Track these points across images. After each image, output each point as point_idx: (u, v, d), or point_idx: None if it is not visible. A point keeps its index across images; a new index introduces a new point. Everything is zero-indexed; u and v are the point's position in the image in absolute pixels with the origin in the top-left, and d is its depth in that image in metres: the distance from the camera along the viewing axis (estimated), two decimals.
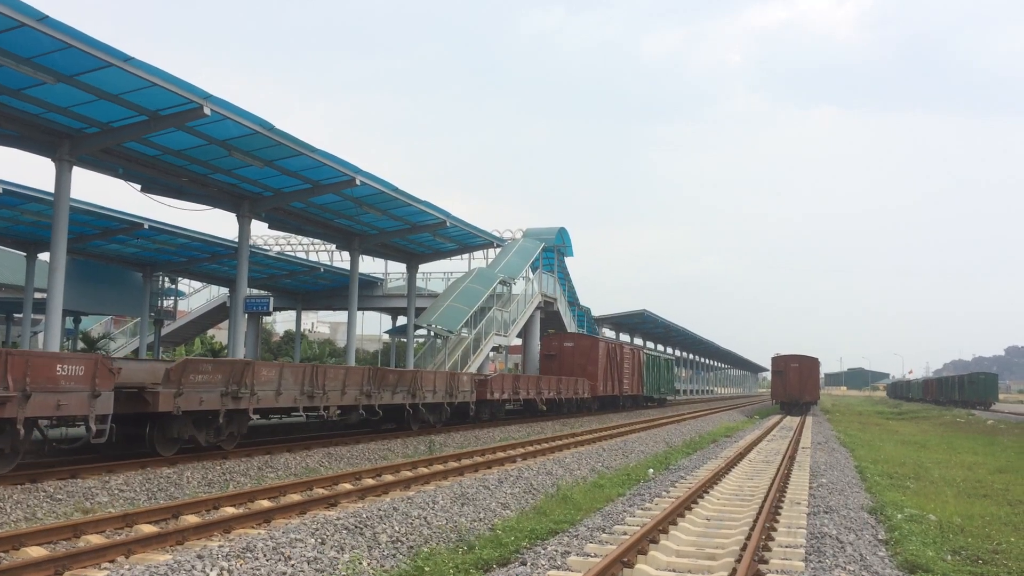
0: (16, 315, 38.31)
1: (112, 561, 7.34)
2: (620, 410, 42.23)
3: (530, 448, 18.27)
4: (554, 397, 30.60)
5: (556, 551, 8.24)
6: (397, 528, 8.88)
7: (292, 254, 41.10)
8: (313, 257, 43.00)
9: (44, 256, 25.49)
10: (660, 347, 77.37)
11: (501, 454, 16.78)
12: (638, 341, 69.79)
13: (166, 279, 34.98)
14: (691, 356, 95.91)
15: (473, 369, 32.48)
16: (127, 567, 6.61)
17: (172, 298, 38.32)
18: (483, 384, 24.71)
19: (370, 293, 39.88)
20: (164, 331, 39.21)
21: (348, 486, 11.93)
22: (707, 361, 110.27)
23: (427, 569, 7.41)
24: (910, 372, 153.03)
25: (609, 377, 38.47)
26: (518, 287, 41.34)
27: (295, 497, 10.90)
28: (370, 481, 12.52)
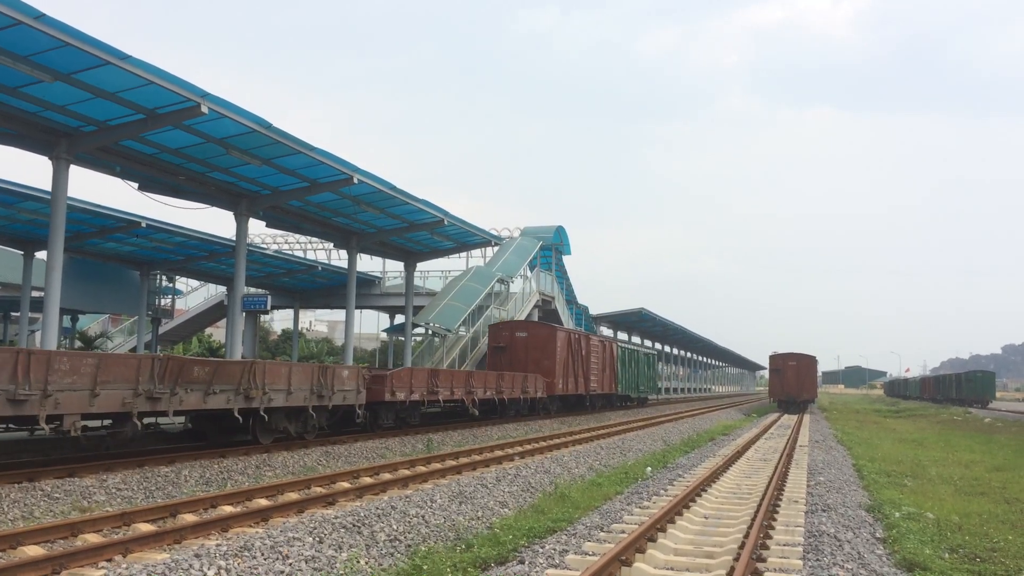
0: (13, 313, 38.27)
1: (110, 560, 7.33)
2: (586, 411, 36.33)
3: (528, 447, 18.29)
4: (492, 397, 25.00)
5: (554, 549, 8.24)
6: (395, 527, 8.87)
7: (290, 252, 41.11)
8: (311, 255, 43.02)
9: (41, 254, 25.48)
10: (657, 344, 77.44)
11: (499, 452, 16.78)
12: (636, 339, 69.86)
13: (163, 277, 34.95)
14: (689, 354, 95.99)
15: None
16: (125, 566, 6.60)
17: (169, 296, 38.27)
18: (379, 381, 18.95)
19: (368, 291, 39.90)
20: (162, 329, 39.21)
21: (346, 485, 11.93)
22: (705, 359, 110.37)
23: (425, 568, 7.41)
24: (907, 370, 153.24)
25: (571, 373, 32.80)
26: (516, 285, 41.41)
27: (293, 496, 10.89)
28: (368, 480, 12.52)
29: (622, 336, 64.78)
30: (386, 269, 41.06)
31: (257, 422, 15.23)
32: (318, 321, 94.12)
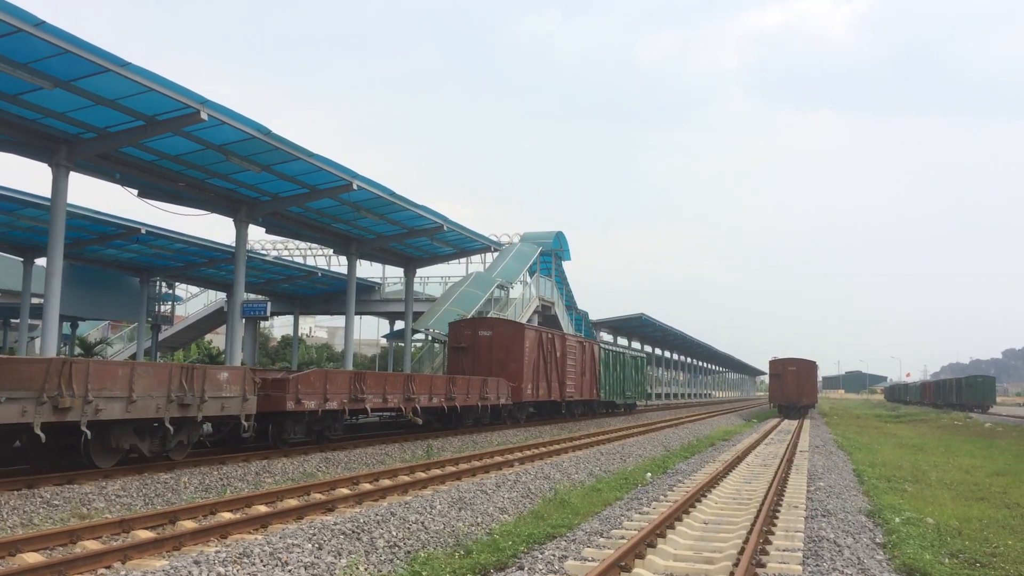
0: (13, 320, 38.30)
1: (109, 567, 7.33)
2: (561, 419, 32.58)
3: (528, 452, 18.27)
4: (440, 404, 21.51)
5: (553, 556, 8.23)
6: (394, 533, 8.87)
7: (290, 259, 41.14)
8: (311, 261, 43.05)
9: (41, 261, 25.50)
10: (658, 350, 77.44)
11: (499, 458, 16.77)
12: (636, 344, 69.86)
13: (163, 284, 35.01)
14: (689, 360, 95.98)
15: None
16: (124, 573, 6.60)
17: (169, 303, 38.32)
18: (278, 386, 15.52)
19: (368, 297, 39.91)
20: (161, 336, 39.23)
21: (345, 491, 11.92)
22: (705, 365, 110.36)
23: (424, 574, 7.40)
24: (908, 375, 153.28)
25: (542, 376, 29.39)
26: (516, 291, 41.43)
27: (292, 502, 10.88)
28: (367, 486, 12.50)
29: (622, 341, 64.80)
30: (386, 275, 41.12)
31: (93, 439, 11.95)
32: (318, 327, 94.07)
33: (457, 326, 28.91)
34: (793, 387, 48.08)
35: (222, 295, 39.50)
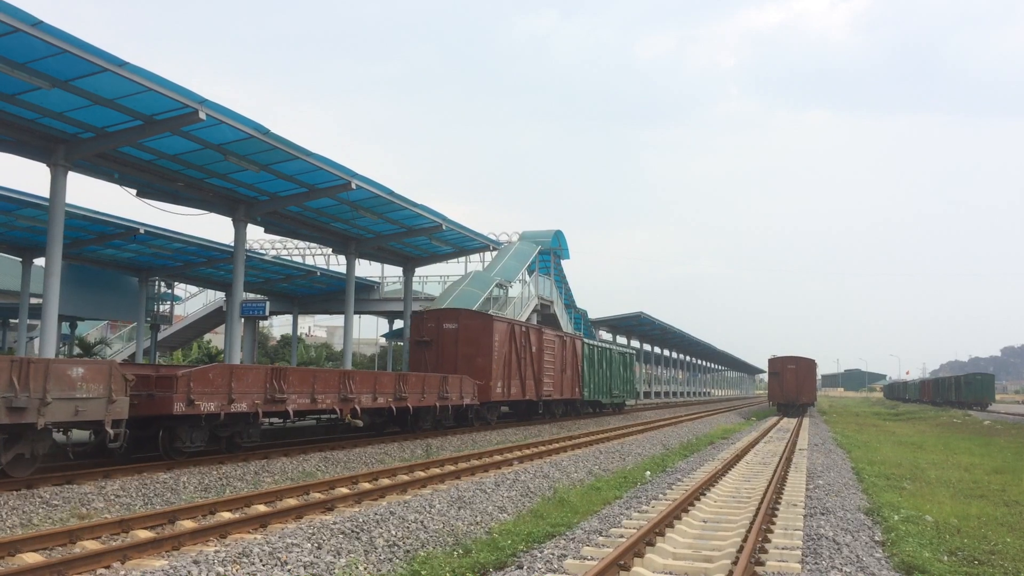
0: (12, 320, 38.27)
1: (108, 567, 7.33)
2: (539, 421, 30.28)
3: (527, 451, 18.28)
4: (387, 405, 19.05)
5: (553, 554, 8.24)
6: (394, 532, 8.87)
7: (288, 258, 41.09)
8: (309, 261, 42.99)
9: (40, 261, 25.48)
10: (656, 348, 77.46)
11: (498, 457, 16.78)
12: (635, 343, 69.86)
13: (162, 284, 34.96)
14: (688, 358, 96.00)
15: None
16: (123, 573, 6.60)
17: (168, 303, 38.28)
18: (164, 385, 13.05)
19: (367, 297, 39.87)
20: (160, 336, 39.19)
21: (345, 490, 11.93)
22: (704, 363, 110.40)
23: (424, 573, 7.41)
24: (907, 373, 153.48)
25: (515, 373, 26.95)
26: (515, 290, 41.39)
27: (292, 502, 10.89)
28: (367, 485, 12.51)
29: (621, 340, 64.79)
30: (384, 274, 41.06)
31: None
32: (317, 326, 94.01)
33: (419, 318, 26.50)
34: (792, 385, 48.11)
35: (221, 295, 39.46)
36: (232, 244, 24.34)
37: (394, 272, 38.95)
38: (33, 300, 27.69)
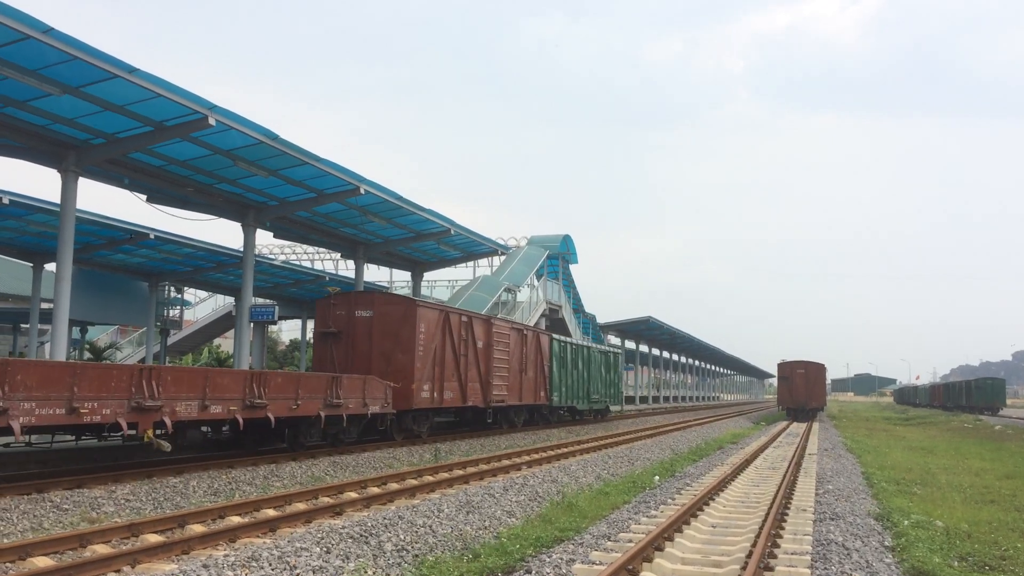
0: (23, 325, 38.46)
1: (118, 571, 7.36)
2: (492, 432, 24.86)
3: (535, 456, 18.26)
4: (233, 416, 13.64)
5: (561, 559, 8.23)
6: (402, 536, 8.88)
7: (297, 263, 41.23)
8: (318, 266, 43.18)
9: (50, 266, 25.63)
10: (666, 353, 77.28)
11: (507, 462, 16.77)
12: (644, 347, 69.74)
13: (172, 289, 35.07)
14: (697, 363, 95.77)
15: None
16: None
17: (178, 307, 38.41)
18: None
19: None
20: (170, 340, 39.34)
21: (353, 495, 11.94)
22: (714, 368, 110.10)
23: None
24: (917, 377, 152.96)
25: (450, 374, 21.65)
26: (523, 295, 41.46)
27: (300, 506, 10.90)
28: (375, 490, 12.53)
29: (630, 344, 64.70)
30: (393, 279, 41.22)
31: None
32: None
33: (325, 304, 21.06)
34: (802, 390, 47.91)
35: (230, 299, 39.60)
36: (241, 249, 24.44)
37: (403, 277, 39.07)
38: (44, 305, 27.83)
